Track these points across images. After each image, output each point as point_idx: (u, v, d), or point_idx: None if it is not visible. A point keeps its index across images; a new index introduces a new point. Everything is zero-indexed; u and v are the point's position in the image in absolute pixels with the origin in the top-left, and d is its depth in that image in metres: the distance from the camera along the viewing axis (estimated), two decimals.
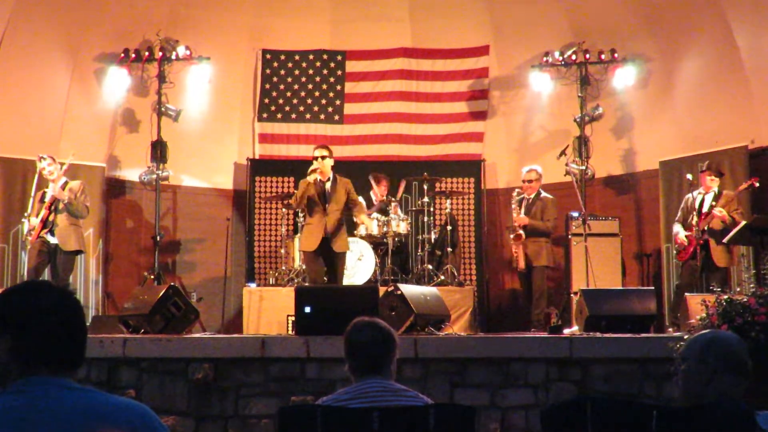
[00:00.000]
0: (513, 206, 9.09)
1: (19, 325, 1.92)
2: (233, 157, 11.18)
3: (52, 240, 8.07)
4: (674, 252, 8.39)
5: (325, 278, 7.87)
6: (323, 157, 7.84)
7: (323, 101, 11.35)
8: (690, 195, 8.44)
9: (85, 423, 1.86)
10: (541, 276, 9.00)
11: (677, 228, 8.37)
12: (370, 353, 3.09)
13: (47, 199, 8.13)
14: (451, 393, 5.64)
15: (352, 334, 3.16)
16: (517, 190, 9.23)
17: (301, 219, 8.68)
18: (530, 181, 9.11)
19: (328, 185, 7.87)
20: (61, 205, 8.05)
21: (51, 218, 8.07)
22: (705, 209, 8.14)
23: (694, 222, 8.16)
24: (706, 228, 8.01)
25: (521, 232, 8.83)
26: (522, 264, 8.88)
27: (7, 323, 1.93)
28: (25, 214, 8.10)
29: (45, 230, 8.05)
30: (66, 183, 8.22)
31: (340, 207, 7.86)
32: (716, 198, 8.18)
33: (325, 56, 11.35)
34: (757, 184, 8.15)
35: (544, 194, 9.13)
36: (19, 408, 1.86)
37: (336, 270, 7.83)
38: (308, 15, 11.19)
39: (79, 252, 8.36)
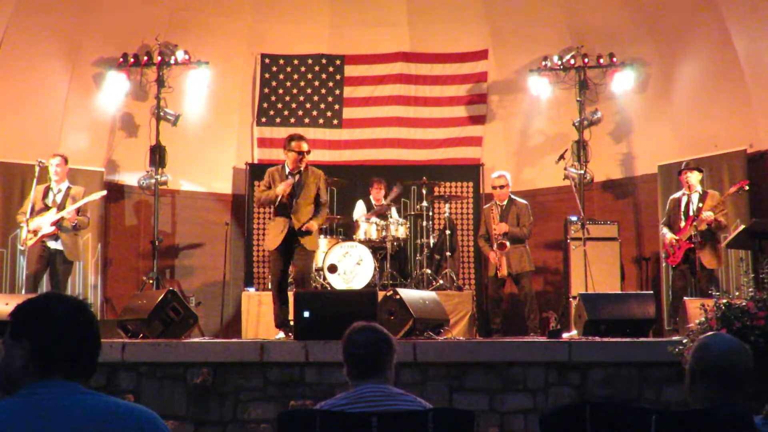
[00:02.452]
0: (492, 215, 9.06)
1: (37, 330, 2.05)
2: (232, 161, 11.17)
3: (54, 246, 8.07)
4: (663, 256, 8.36)
5: (289, 279, 7.40)
6: (309, 152, 7.21)
7: (322, 105, 11.36)
8: (675, 196, 8.43)
9: (94, 426, 1.96)
10: (529, 282, 9.01)
11: (664, 231, 8.36)
12: (366, 357, 3.09)
13: (50, 200, 8.13)
14: (449, 397, 5.64)
15: (349, 338, 3.17)
16: (494, 201, 9.20)
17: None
18: (501, 187, 9.09)
19: (295, 177, 7.14)
20: (66, 223, 8.08)
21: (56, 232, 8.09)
22: (692, 212, 8.11)
23: (681, 225, 8.17)
24: (694, 232, 7.98)
25: (506, 241, 8.82)
26: (504, 271, 8.87)
27: (27, 329, 2.06)
28: (24, 219, 8.06)
29: (49, 237, 8.06)
30: (69, 188, 8.26)
31: (308, 201, 7.15)
32: (702, 199, 8.13)
33: (323, 60, 11.35)
34: (747, 187, 8.11)
35: (517, 199, 9.15)
36: (31, 409, 1.97)
37: (304, 270, 7.13)
38: (307, 19, 11.20)
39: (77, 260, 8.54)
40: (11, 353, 2.05)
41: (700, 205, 8.06)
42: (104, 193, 8.68)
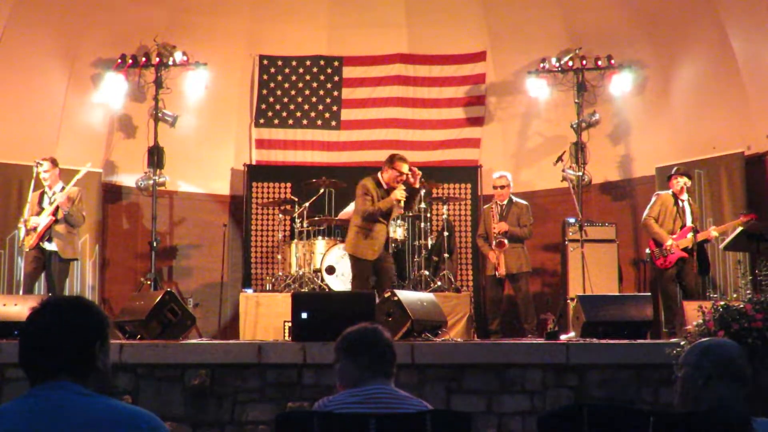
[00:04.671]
0: (492, 213, 9.06)
1: (40, 334, 2.09)
2: (230, 162, 11.17)
3: (49, 247, 7.99)
4: (654, 254, 8.30)
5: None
6: (407, 175, 7.63)
7: (320, 107, 11.36)
8: (664, 194, 8.42)
9: (95, 428, 1.98)
10: (526, 283, 9.00)
11: (659, 229, 8.28)
12: (387, 358, 3.09)
13: (46, 204, 8.08)
14: (447, 399, 5.63)
15: (370, 337, 3.12)
16: (495, 200, 9.20)
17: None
18: (502, 187, 9.11)
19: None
20: (60, 214, 7.99)
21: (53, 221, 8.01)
22: (689, 221, 8.20)
23: (676, 230, 8.21)
24: (693, 243, 8.03)
25: (504, 240, 8.82)
26: (503, 270, 8.86)
27: (28, 331, 2.10)
28: (22, 219, 8.04)
29: (44, 238, 8.00)
30: (63, 188, 8.18)
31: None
32: (692, 208, 8.33)
33: (322, 62, 11.35)
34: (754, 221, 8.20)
35: (516, 200, 9.15)
36: (33, 411, 2.00)
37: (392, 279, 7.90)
38: (305, 21, 11.20)
39: (74, 259, 8.36)
40: None
41: (693, 218, 8.27)
42: (89, 165, 8.40)
